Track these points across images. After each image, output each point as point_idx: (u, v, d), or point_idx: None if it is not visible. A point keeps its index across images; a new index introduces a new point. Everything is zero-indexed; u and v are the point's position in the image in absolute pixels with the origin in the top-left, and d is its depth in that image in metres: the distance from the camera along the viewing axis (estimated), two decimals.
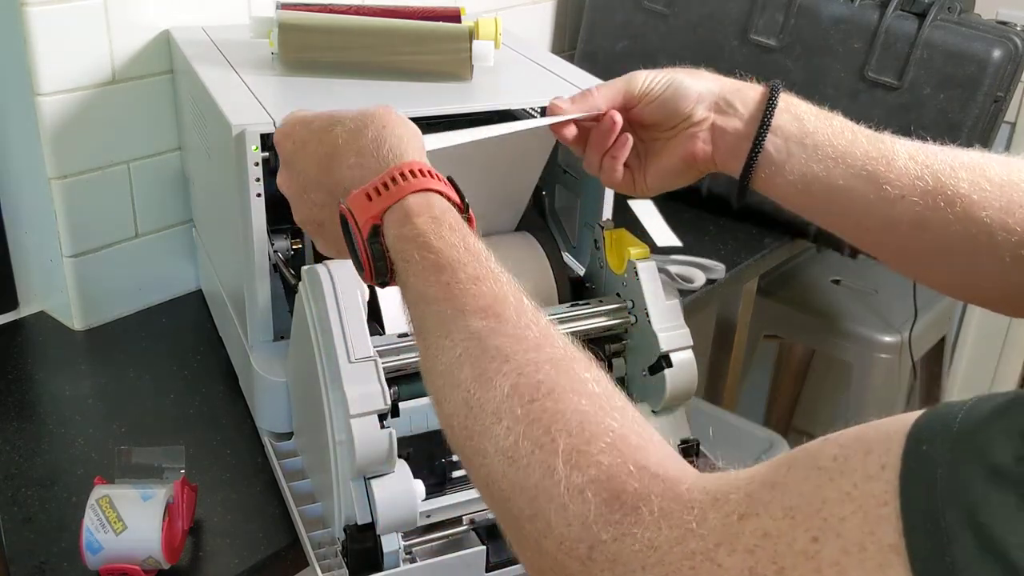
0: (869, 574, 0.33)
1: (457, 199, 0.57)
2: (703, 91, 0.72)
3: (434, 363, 0.51)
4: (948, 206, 0.65)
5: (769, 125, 0.69)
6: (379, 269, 0.56)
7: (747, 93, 0.72)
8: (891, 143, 0.68)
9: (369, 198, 0.56)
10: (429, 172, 0.57)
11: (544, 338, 0.49)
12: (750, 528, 0.37)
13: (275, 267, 0.83)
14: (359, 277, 0.59)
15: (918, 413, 0.35)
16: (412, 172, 0.56)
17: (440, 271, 0.52)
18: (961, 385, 1.93)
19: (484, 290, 0.51)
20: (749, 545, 0.36)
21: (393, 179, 0.56)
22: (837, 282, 1.73)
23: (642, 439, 0.44)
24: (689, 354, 0.77)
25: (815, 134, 0.69)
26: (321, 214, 0.63)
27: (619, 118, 0.73)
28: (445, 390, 0.50)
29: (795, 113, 0.70)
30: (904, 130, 1.16)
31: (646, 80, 0.73)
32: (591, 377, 0.47)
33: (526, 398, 0.46)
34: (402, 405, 0.73)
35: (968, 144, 1.14)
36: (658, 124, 0.74)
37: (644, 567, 0.39)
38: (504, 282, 0.52)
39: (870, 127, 0.71)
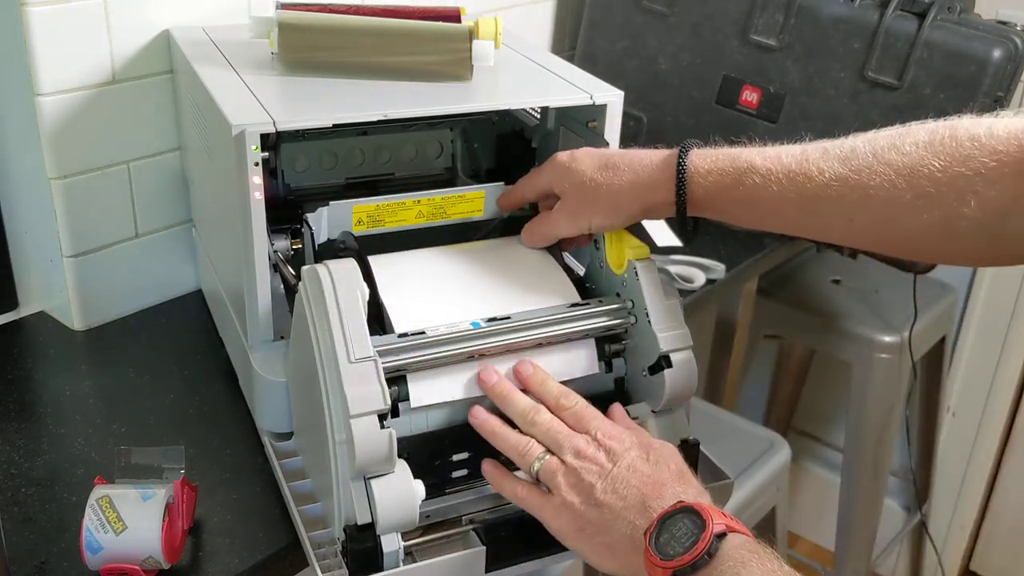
0: None
1: None
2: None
3: None
4: (887, 226, 0.67)
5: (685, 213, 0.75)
6: None
7: (658, 206, 0.76)
8: (818, 174, 0.69)
9: None
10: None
11: None
12: None
13: (275, 267, 0.83)
14: None
15: None
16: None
17: None
18: (961, 385, 1.93)
19: None
20: None
21: None
22: (837, 282, 1.73)
23: None
24: (689, 354, 0.77)
25: (736, 210, 0.74)
26: None
27: None
28: None
29: (711, 197, 0.74)
30: None
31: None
32: None
33: None
34: (402, 405, 0.73)
35: None
36: None
37: None
38: None
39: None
